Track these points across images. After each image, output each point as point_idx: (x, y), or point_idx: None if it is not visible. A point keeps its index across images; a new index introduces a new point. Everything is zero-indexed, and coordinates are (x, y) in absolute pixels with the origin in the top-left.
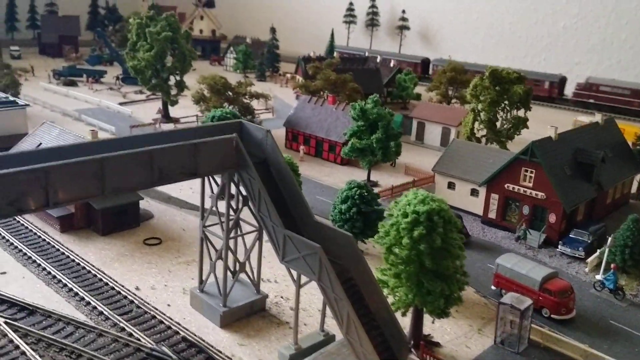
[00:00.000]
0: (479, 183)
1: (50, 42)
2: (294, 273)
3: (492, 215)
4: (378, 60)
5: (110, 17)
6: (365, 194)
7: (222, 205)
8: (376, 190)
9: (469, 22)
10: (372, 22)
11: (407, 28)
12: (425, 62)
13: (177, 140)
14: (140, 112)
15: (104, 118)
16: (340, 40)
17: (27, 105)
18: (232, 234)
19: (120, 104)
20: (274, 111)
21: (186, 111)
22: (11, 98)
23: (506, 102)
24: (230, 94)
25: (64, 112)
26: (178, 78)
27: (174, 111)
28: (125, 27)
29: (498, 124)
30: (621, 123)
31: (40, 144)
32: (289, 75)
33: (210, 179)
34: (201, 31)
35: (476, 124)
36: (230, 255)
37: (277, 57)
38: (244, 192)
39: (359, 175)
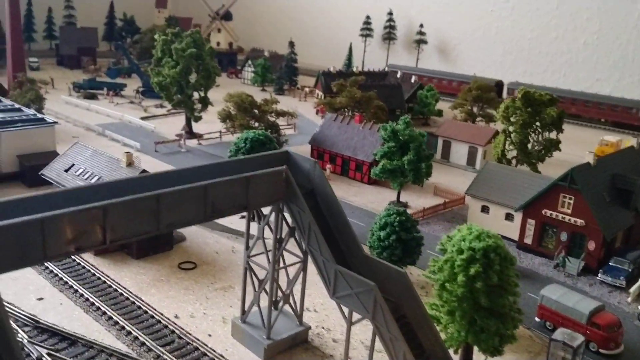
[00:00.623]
0: (514, 208)
1: (69, 53)
2: (345, 309)
3: (528, 240)
4: (398, 75)
5: (128, 29)
6: (405, 220)
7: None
8: (407, 210)
9: (488, 37)
10: (390, 35)
11: (425, 42)
12: (499, 85)
13: (224, 172)
14: (163, 127)
15: (127, 133)
16: (357, 54)
17: (56, 122)
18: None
19: (142, 118)
20: (296, 127)
21: (208, 126)
22: (38, 115)
23: (538, 124)
24: (257, 111)
25: (87, 127)
26: (202, 94)
27: (197, 126)
28: (143, 39)
29: (529, 145)
30: None
31: (73, 164)
32: (307, 89)
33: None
34: (218, 44)
35: (506, 145)
36: (274, 286)
37: (295, 71)
38: (290, 222)
39: (387, 195)
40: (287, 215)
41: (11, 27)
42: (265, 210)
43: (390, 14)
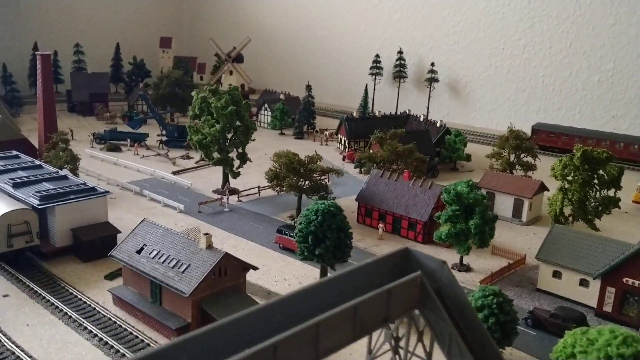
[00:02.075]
0: (589, 273)
1: (81, 100)
2: None
3: (608, 308)
4: (421, 119)
5: (138, 73)
6: (502, 301)
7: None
8: (471, 274)
9: (500, 75)
10: (400, 74)
11: (437, 80)
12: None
13: (346, 284)
14: (198, 182)
15: (164, 192)
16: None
17: (107, 192)
18: None
19: (174, 173)
20: (329, 178)
21: (241, 179)
22: (89, 185)
23: (596, 181)
24: (303, 170)
25: (122, 186)
26: (240, 150)
27: (232, 181)
28: (160, 86)
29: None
30: None
31: (144, 245)
32: (327, 133)
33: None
34: (230, 86)
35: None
36: None
37: (313, 114)
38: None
39: (446, 256)
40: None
41: (43, 86)
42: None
43: (401, 52)
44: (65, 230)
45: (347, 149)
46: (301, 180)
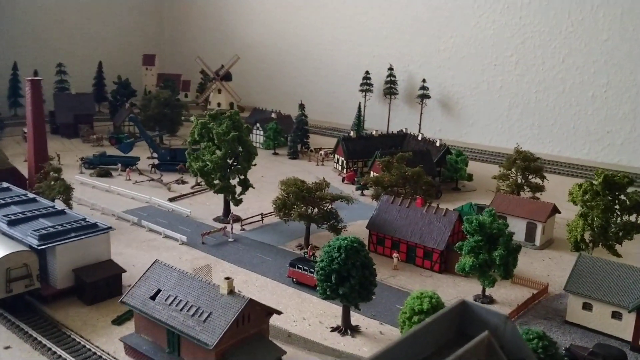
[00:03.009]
0: (622, 306)
1: (65, 121)
2: None
3: None
4: (420, 137)
5: (123, 92)
6: (548, 344)
7: None
8: (494, 306)
9: (492, 91)
10: (391, 90)
11: (428, 97)
12: None
13: (409, 349)
14: (197, 210)
15: (163, 221)
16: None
17: (110, 228)
18: None
19: (171, 199)
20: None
21: (242, 205)
22: (90, 220)
23: (617, 207)
24: (313, 198)
25: (118, 216)
26: (242, 177)
27: (233, 208)
28: (148, 106)
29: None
30: None
31: (159, 290)
32: (322, 152)
33: None
34: (219, 104)
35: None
36: None
37: (307, 133)
38: None
39: (466, 286)
40: None
41: (33, 113)
42: None
43: (391, 69)
44: (67, 271)
45: (345, 170)
46: (309, 208)
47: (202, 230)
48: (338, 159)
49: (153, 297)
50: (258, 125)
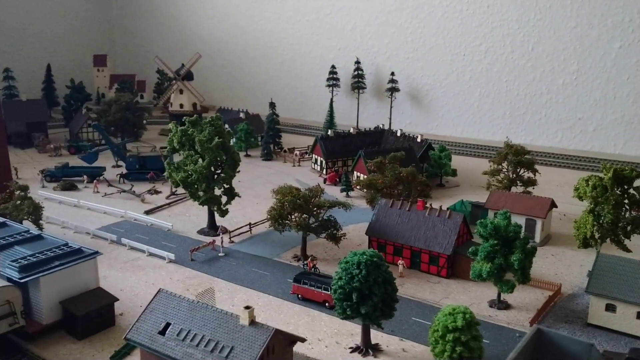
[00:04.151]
0: None
1: (17, 131)
2: None
3: None
4: (398, 134)
5: (77, 97)
6: None
7: None
8: (512, 312)
9: (462, 82)
10: (359, 84)
11: (397, 90)
12: None
13: None
14: (178, 222)
15: (143, 237)
16: (324, 105)
17: (97, 252)
18: None
19: (147, 212)
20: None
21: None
22: (74, 245)
23: (626, 201)
24: (310, 206)
25: (94, 234)
26: (227, 185)
27: (218, 220)
28: (107, 112)
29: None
30: None
31: (168, 324)
32: (298, 152)
33: None
34: (181, 105)
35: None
36: None
37: (279, 132)
38: None
39: (477, 290)
40: None
41: None
42: None
43: (358, 62)
44: (53, 304)
45: (324, 170)
46: (306, 217)
47: (187, 245)
48: (316, 159)
49: (162, 332)
50: (227, 126)
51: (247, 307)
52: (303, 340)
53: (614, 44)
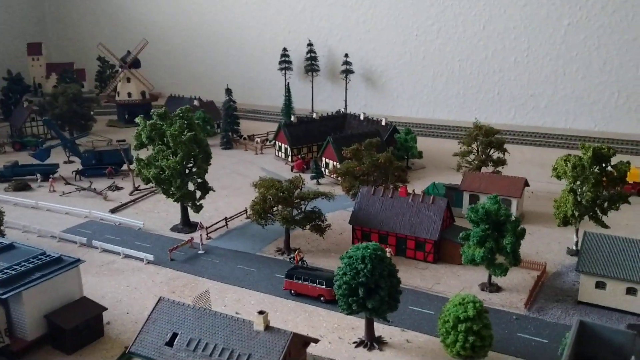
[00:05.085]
0: (638, 281)
1: None
2: None
3: None
4: (362, 117)
5: (15, 89)
6: None
7: None
8: (503, 294)
9: (416, 62)
10: (312, 67)
11: (352, 72)
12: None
13: None
14: (149, 220)
15: (115, 238)
16: (278, 89)
17: (79, 260)
18: None
19: (113, 211)
20: None
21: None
22: (52, 254)
23: (604, 179)
24: (294, 199)
25: (61, 238)
26: (200, 180)
27: (192, 215)
28: (54, 104)
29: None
30: None
31: (175, 334)
32: (259, 140)
33: None
34: (129, 94)
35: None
36: None
37: (236, 120)
38: None
39: (466, 274)
40: None
41: None
42: None
43: (310, 44)
44: (38, 318)
45: (289, 157)
46: (292, 210)
47: (162, 244)
48: (280, 147)
49: (170, 343)
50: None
51: (260, 312)
52: (317, 341)
53: (562, 21)
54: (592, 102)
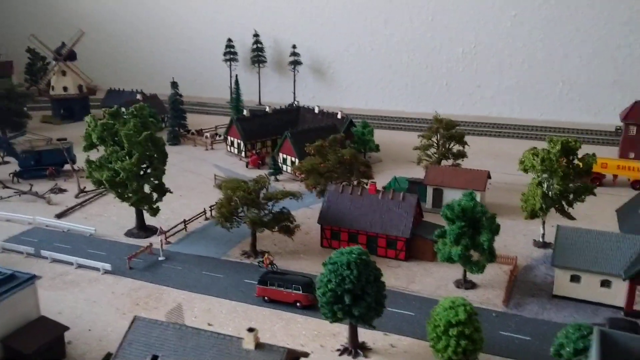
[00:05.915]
0: (614, 275)
1: None
2: None
3: (639, 307)
4: (316, 110)
5: None
6: None
7: None
8: (478, 291)
9: (363, 53)
10: (259, 58)
11: (300, 63)
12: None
13: None
14: (100, 225)
15: (64, 247)
16: (223, 81)
17: (35, 277)
18: None
19: (58, 216)
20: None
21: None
22: (4, 270)
23: (572, 171)
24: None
25: (4, 248)
26: (156, 181)
27: (147, 219)
28: None
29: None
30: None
31: (156, 357)
32: (208, 135)
33: None
34: (65, 88)
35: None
36: None
37: (183, 114)
38: None
39: (439, 272)
40: None
41: None
42: None
43: (257, 35)
44: None
45: (243, 153)
46: (257, 211)
47: (118, 252)
48: (232, 142)
49: None
50: (123, 109)
51: (250, 330)
52: (307, 355)
53: (509, 12)
54: (537, 92)
